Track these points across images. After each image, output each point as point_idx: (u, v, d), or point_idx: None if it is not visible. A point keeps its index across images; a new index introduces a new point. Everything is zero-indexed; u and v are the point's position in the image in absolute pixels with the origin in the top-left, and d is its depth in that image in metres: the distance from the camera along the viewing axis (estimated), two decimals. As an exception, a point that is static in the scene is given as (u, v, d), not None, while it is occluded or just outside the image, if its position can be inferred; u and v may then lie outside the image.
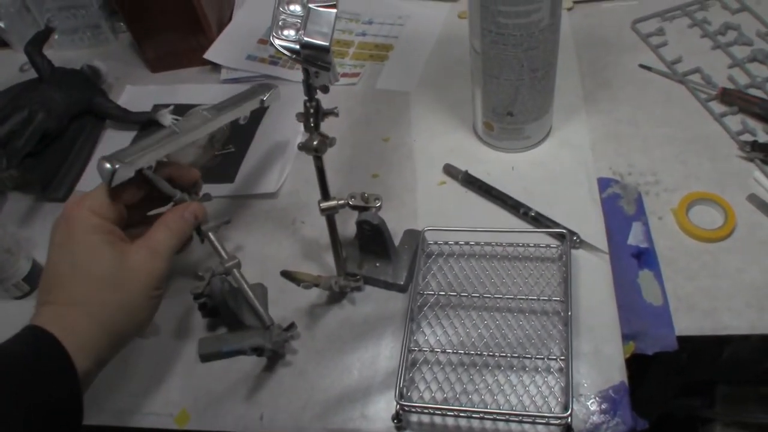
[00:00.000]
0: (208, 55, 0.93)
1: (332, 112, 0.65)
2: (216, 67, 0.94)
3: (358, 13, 0.98)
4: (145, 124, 0.89)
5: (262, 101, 0.74)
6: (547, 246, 0.68)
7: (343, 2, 0.99)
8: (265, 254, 0.74)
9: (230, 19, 1.00)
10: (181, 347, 0.69)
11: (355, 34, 0.96)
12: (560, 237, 0.68)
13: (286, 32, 0.57)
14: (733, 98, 0.79)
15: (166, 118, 0.88)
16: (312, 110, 0.63)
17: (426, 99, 0.86)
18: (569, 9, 0.93)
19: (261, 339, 0.63)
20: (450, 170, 0.77)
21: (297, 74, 0.87)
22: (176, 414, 0.64)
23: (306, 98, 0.63)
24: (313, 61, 0.57)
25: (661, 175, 0.74)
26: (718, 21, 0.89)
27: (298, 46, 0.56)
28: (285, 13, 0.57)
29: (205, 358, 0.64)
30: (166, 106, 0.90)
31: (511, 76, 0.70)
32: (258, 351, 0.63)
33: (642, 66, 0.85)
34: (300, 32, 0.56)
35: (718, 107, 0.80)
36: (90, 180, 0.86)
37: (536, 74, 0.70)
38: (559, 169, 0.76)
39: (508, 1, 0.63)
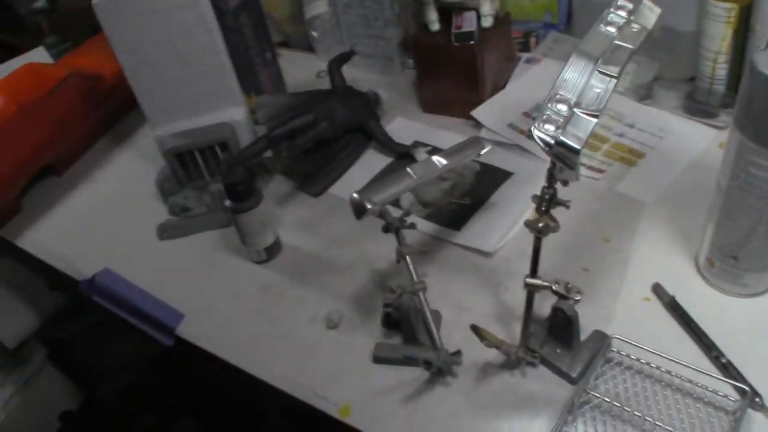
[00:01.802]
0: (475, 112, 1.03)
1: (564, 204, 0.71)
2: (478, 124, 1.04)
3: (623, 114, 1.02)
4: (402, 155, 1.01)
5: (479, 155, 0.83)
6: (725, 396, 0.68)
7: (612, 100, 1.04)
8: (462, 303, 0.82)
9: (504, 85, 1.09)
10: (359, 345, 0.79)
11: (613, 132, 1.00)
12: (742, 393, 0.68)
13: (547, 126, 0.64)
14: None
15: (422, 155, 0.99)
16: (547, 196, 0.70)
17: (659, 215, 0.88)
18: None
19: (432, 356, 0.72)
20: (658, 290, 0.79)
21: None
22: (341, 405, 0.74)
23: (545, 184, 0.69)
24: (562, 158, 0.64)
25: None
26: None
27: (553, 141, 0.63)
28: (552, 109, 0.65)
29: (379, 360, 0.76)
30: (425, 144, 1.02)
31: (747, 223, 0.71)
32: (428, 365, 0.72)
33: None
34: (559, 130, 0.63)
35: None
36: (342, 187, 1.00)
37: (774, 229, 0.70)
38: (768, 326, 0.75)
39: (764, 155, 0.65)
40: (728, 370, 0.71)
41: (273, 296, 0.88)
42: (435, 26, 1.02)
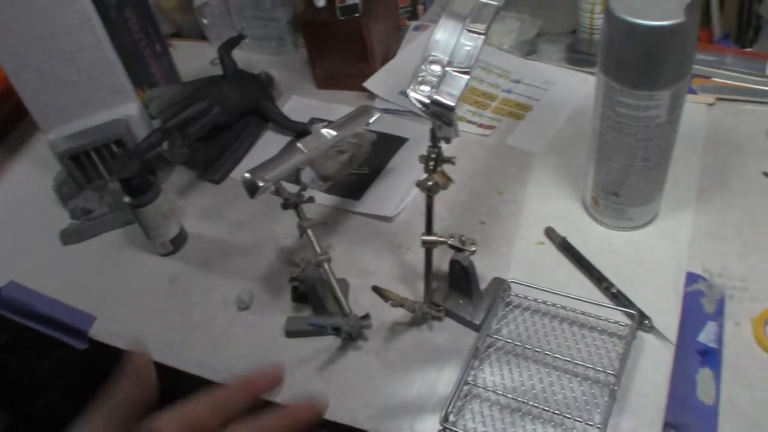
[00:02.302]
0: (368, 84, 1.05)
1: (450, 161, 0.74)
2: (372, 95, 1.06)
3: (509, 71, 1.06)
4: (301, 132, 1.02)
5: (368, 123, 0.86)
6: (617, 323, 0.73)
7: (498, 58, 1.08)
8: (367, 268, 0.84)
9: (394, 54, 1.11)
10: (272, 322, 0.81)
11: (502, 89, 1.04)
12: (631, 317, 0.73)
13: (422, 87, 0.66)
14: None
15: (318, 130, 1.00)
16: (433, 155, 0.73)
17: (548, 164, 0.93)
18: (710, 104, 0.96)
19: (341, 321, 0.74)
20: (550, 233, 0.83)
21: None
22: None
23: (430, 144, 0.72)
24: (439, 116, 0.66)
25: (750, 283, 0.76)
26: None
27: (428, 101, 0.65)
28: (425, 71, 0.67)
29: (291, 334, 0.78)
30: (321, 120, 1.03)
31: (622, 160, 0.75)
32: (336, 331, 0.74)
33: (765, 174, 0.87)
34: (433, 90, 0.65)
35: (833, 231, 0.80)
36: (243, 171, 0.99)
37: (647, 163, 0.75)
38: (652, 255, 0.80)
39: (629, 95, 0.69)
40: (618, 298, 0.75)
41: (183, 286, 0.88)
42: (320, 2, 1.03)
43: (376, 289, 0.73)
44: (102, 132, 0.98)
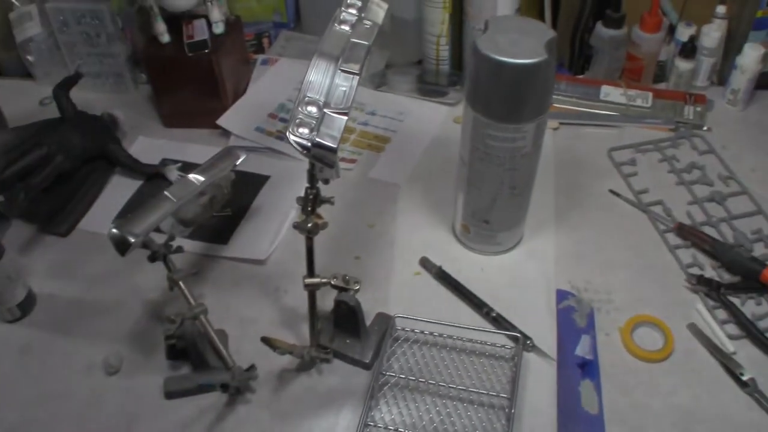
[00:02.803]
0: (221, 121, 1.01)
1: (329, 201, 0.72)
2: (226, 132, 1.02)
3: (364, 104, 1.07)
4: (152, 176, 0.96)
5: (235, 165, 0.83)
6: (503, 346, 0.75)
7: (351, 91, 1.08)
8: (245, 316, 0.81)
9: (245, 90, 1.08)
10: (148, 384, 0.75)
11: (358, 122, 1.04)
12: (515, 339, 0.75)
13: (301, 130, 0.64)
14: (687, 233, 0.87)
15: (173, 173, 0.95)
16: (311, 197, 0.71)
17: (413, 193, 0.94)
18: (555, 129, 1.03)
19: (227, 377, 0.70)
20: (426, 263, 0.84)
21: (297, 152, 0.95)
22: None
23: (308, 185, 0.70)
24: (321, 158, 0.65)
25: (614, 295, 0.82)
26: (685, 159, 0.99)
27: (309, 144, 0.64)
28: (303, 113, 0.65)
29: (172, 395, 0.70)
30: (174, 161, 0.98)
31: (492, 189, 0.78)
32: (224, 388, 0.70)
33: (611, 191, 0.94)
34: (313, 132, 0.64)
35: (673, 239, 0.88)
36: (91, 220, 0.92)
37: (514, 191, 0.78)
38: (523, 276, 0.83)
39: (497, 128, 0.71)
40: (499, 322, 0.78)
41: (36, 355, 0.79)
42: (165, 38, 0.98)
43: (265, 340, 0.70)
44: None
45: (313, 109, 0.65)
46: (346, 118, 0.65)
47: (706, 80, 1.09)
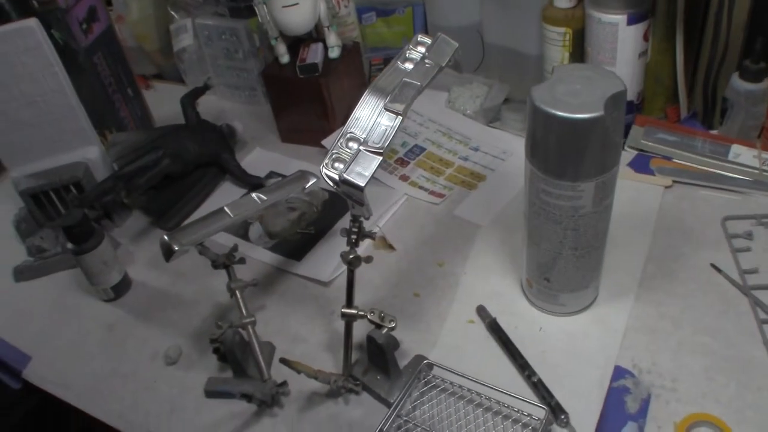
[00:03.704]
0: (325, 142, 1.05)
1: (371, 236, 0.73)
2: (330, 153, 1.05)
3: (470, 138, 1.05)
4: (255, 186, 1.02)
5: (304, 188, 0.85)
6: (530, 416, 0.70)
7: (460, 124, 1.07)
8: (298, 333, 0.83)
9: (354, 114, 1.11)
10: (196, 380, 0.80)
11: (459, 156, 1.03)
12: (549, 411, 0.70)
13: (336, 164, 0.65)
14: (792, 329, 0.76)
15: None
16: (354, 230, 0.72)
17: (492, 237, 0.91)
18: (667, 187, 0.94)
19: (252, 387, 0.73)
20: (481, 312, 0.81)
21: (392, 180, 0.96)
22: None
23: (351, 218, 0.71)
24: (349, 195, 0.65)
25: (680, 384, 0.73)
26: (815, 244, 0.86)
27: (338, 179, 0.65)
28: (341, 147, 0.66)
29: (210, 394, 0.78)
30: (279, 175, 1.03)
31: (550, 247, 0.73)
32: (246, 398, 0.73)
33: (713, 266, 0.84)
34: (345, 168, 0.65)
35: (773, 332, 0.77)
36: (196, 220, 1.01)
37: (576, 252, 0.73)
38: (583, 344, 0.77)
39: (552, 184, 0.67)
40: (538, 388, 0.73)
41: (119, 335, 0.88)
42: (285, 59, 1.04)
43: (284, 361, 0.72)
44: (61, 173, 0.99)
45: (354, 145, 0.66)
46: (380, 158, 0.65)
47: None
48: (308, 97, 1.02)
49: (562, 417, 0.70)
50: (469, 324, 0.81)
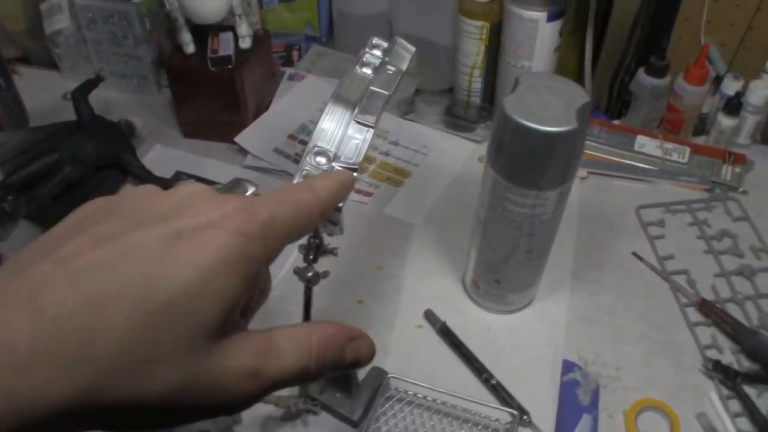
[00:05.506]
0: (239, 139, 0.98)
1: (332, 252, 0.69)
2: (243, 150, 0.99)
3: (387, 131, 1.03)
4: (164, 188, 0.94)
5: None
6: (497, 420, 0.71)
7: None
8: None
9: (268, 105, 1.05)
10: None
11: (380, 151, 1.01)
12: (513, 416, 0.72)
13: (306, 182, 0.61)
14: (709, 311, 0.82)
15: (184, 190, 0.92)
16: (314, 246, 0.68)
17: (427, 236, 0.90)
18: (583, 178, 0.98)
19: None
20: (430, 317, 0.81)
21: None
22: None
23: (311, 234, 0.67)
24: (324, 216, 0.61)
25: (623, 372, 0.77)
26: (717, 225, 0.93)
27: (312, 199, 0.60)
28: (311, 164, 0.62)
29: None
30: (188, 175, 0.95)
31: (505, 251, 0.74)
32: None
33: (635, 254, 0.89)
34: (318, 187, 0.60)
35: (694, 315, 0.83)
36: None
37: (530, 255, 0.74)
38: (531, 340, 0.80)
39: (517, 192, 0.67)
40: (498, 391, 0.74)
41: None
42: (190, 48, 0.95)
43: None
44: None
45: (322, 161, 0.62)
46: (355, 174, 0.61)
47: (748, 138, 1.03)
48: (218, 90, 0.95)
49: (525, 417, 0.72)
50: (418, 329, 0.81)
